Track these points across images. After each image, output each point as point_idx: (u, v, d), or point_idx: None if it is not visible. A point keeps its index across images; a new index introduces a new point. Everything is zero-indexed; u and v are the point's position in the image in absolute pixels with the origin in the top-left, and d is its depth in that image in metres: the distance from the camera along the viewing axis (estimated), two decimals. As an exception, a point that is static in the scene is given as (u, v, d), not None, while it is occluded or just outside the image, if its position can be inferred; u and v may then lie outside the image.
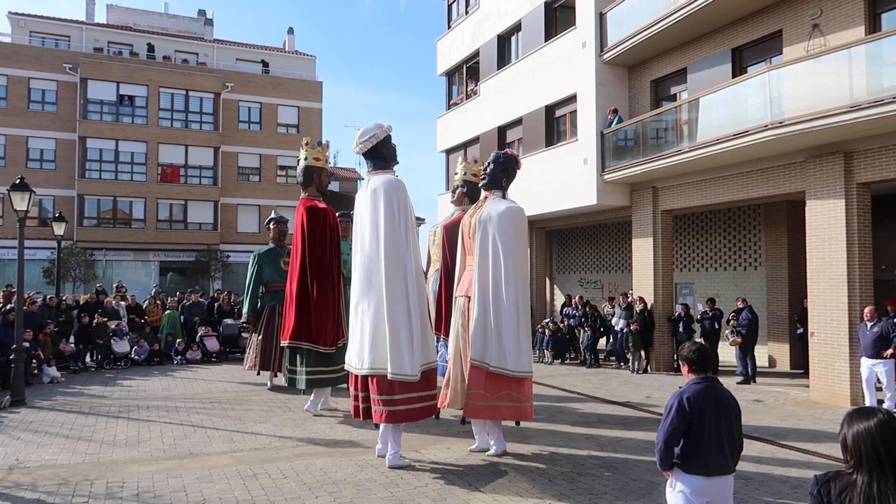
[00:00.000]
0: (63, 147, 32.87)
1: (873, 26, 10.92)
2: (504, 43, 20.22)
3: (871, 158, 10.59)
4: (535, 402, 10.53)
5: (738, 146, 11.69)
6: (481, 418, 7.71)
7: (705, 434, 3.79)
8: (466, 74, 22.64)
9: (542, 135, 17.86)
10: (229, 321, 17.16)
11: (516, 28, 19.38)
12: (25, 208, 11.14)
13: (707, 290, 16.39)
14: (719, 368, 13.68)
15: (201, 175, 35.28)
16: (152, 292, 19.56)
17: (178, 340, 16.29)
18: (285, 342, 9.80)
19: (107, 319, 15.54)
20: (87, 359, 15.31)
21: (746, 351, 13.12)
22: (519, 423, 8.70)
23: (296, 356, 9.68)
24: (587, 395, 11.85)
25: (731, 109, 12.19)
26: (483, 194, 8.33)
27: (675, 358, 13.72)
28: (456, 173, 10.40)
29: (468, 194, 9.92)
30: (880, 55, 9.90)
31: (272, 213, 13.56)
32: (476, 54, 21.56)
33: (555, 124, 17.78)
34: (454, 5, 23.61)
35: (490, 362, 7.47)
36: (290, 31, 42.02)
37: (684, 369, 4.05)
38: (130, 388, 12.49)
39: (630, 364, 14.90)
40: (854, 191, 10.84)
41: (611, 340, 16.20)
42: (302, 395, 11.00)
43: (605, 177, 15.34)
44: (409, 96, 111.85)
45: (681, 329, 14.29)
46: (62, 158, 32.85)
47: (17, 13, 34.66)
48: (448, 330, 8.58)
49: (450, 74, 23.72)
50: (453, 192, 10.32)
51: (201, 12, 41.08)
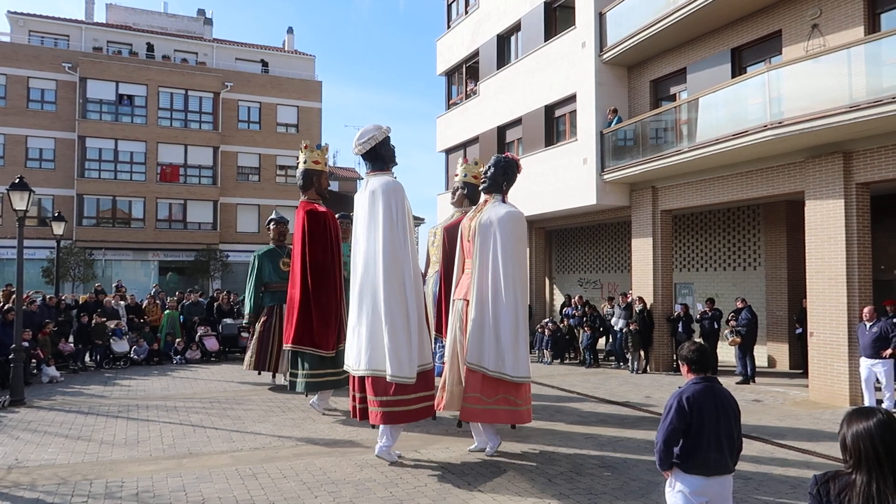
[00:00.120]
0: (62, 146, 32.85)
1: (873, 26, 10.92)
2: (504, 43, 20.22)
3: (870, 158, 10.59)
4: (535, 402, 10.53)
5: (737, 146, 11.70)
6: (478, 421, 7.70)
7: (705, 434, 3.80)
8: (466, 74, 22.64)
9: (542, 135, 17.86)
10: (229, 321, 17.16)
11: (516, 28, 19.38)
12: (24, 208, 11.14)
13: (706, 290, 16.40)
14: (719, 368, 13.67)
15: (201, 175, 35.26)
16: (152, 292, 19.55)
17: (178, 340, 16.28)
18: (288, 346, 9.80)
19: (106, 319, 15.53)
20: (87, 358, 15.30)
21: (746, 351, 13.13)
22: (515, 427, 8.70)
23: (297, 359, 9.68)
24: (586, 394, 11.85)
25: (730, 109, 12.20)
26: (483, 197, 8.32)
27: (675, 358, 13.74)
28: (456, 175, 10.39)
29: (468, 196, 9.91)
30: (880, 55, 9.91)
31: (272, 214, 13.56)
32: (476, 54, 21.56)
33: (554, 124, 17.78)
34: (454, 5, 23.59)
35: (488, 366, 7.46)
36: (290, 30, 42.03)
37: (684, 369, 4.06)
38: (130, 387, 12.49)
39: (629, 364, 14.91)
40: (853, 191, 10.84)
41: (610, 340, 16.20)
42: (305, 396, 10.99)
43: (605, 177, 15.34)
44: (409, 96, 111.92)
45: (680, 329, 14.30)
46: (61, 158, 32.82)
47: (16, 12, 34.61)
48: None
49: (449, 74, 23.71)
50: (453, 193, 10.31)
51: (201, 12, 41.05)
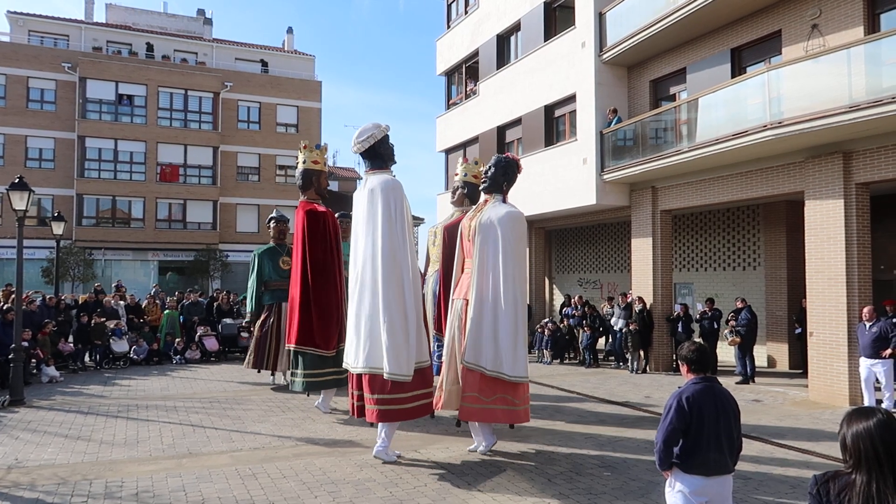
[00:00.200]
0: (62, 146, 32.83)
1: (872, 26, 10.92)
2: (503, 43, 20.21)
3: (870, 158, 10.59)
4: (535, 402, 10.55)
5: (737, 146, 11.70)
6: (476, 421, 7.71)
7: (704, 434, 3.80)
8: (466, 74, 22.63)
9: (542, 135, 17.86)
10: (228, 321, 17.16)
11: (516, 28, 19.37)
12: (24, 208, 11.14)
13: (706, 290, 16.40)
14: (718, 368, 13.68)
15: (200, 174, 35.24)
16: (152, 292, 19.55)
17: (177, 340, 16.28)
18: (290, 346, 9.83)
19: (105, 319, 15.52)
20: (86, 358, 15.30)
21: (745, 351, 13.13)
22: (513, 426, 8.71)
23: (297, 359, 9.70)
24: (586, 394, 11.85)
25: (730, 109, 12.20)
26: (483, 197, 8.32)
27: (674, 358, 13.74)
28: (456, 174, 10.39)
29: (468, 195, 9.91)
30: (879, 55, 9.91)
31: (273, 212, 13.58)
32: (475, 54, 21.56)
33: (554, 124, 17.78)
34: (453, 5, 23.59)
35: (486, 366, 7.47)
36: (290, 30, 42.04)
37: (683, 369, 4.06)
38: (129, 387, 12.48)
39: (629, 364, 14.91)
40: (853, 191, 10.84)
41: (610, 340, 16.21)
42: (307, 395, 11.01)
43: (605, 177, 15.34)
44: (409, 96, 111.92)
45: (680, 329, 14.30)
46: (61, 158, 32.80)
47: (15, 12, 34.58)
48: None
49: (449, 74, 23.71)
50: (453, 192, 10.31)
51: (200, 12, 41.04)
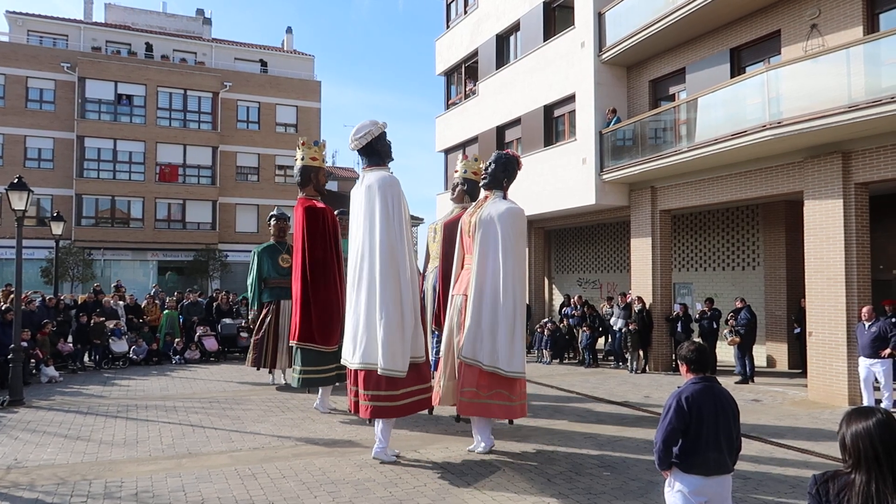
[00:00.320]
0: (61, 146, 32.81)
1: (871, 26, 10.93)
2: (503, 43, 20.21)
3: (869, 158, 10.60)
4: (535, 401, 10.57)
5: (736, 146, 11.70)
6: (472, 415, 7.76)
7: (704, 434, 3.80)
8: (465, 74, 22.63)
9: (541, 134, 17.86)
10: (228, 321, 17.15)
11: (515, 28, 19.37)
12: (23, 208, 11.12)
13: (705, 289, 16.41)
14: (718, 368, 13.70)
15: (199, 174, 35.23)
16: (152, 292, 19.53)
17: (177, 340, 16.27)
18: (292, 343, 9.98)
19: (105, 319, 15.50)
20: (86, 358, 15.28)
21: (745, 351, 13.14)
22: (512, 422, 8.72)
23: (297, 356, 9.80)
24: (586, 394, 11.85)
25: (729, 109, 12.20)
26: (483, 193, 8.34)
27: (674, 358, 13.74)
28: (456, 171, 10.40)
29: (468, 192, 9.92)
30: (878, 55, 9.92)
31: (274, 210, 13.62)
32: (475, 54, 21.55)
33: (553, 124, 17.78)
34: (453, 5, 23.58)
35: (483, 361, 7.51)
36: (289, 30, 42.03)
37: (683, 369, 4.06)
38: (129, 387, 12.48)
39: (628, 364, 14.92)
40: (852, 191, 10.85)
41: (609, 340, 16.21)
42: (307, 393, 11.04)
43: (604, 177, 15.35)
44: (408, 96, 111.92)
45: (679, 329, 14.30)
46: (60, 158, 32.79)
47: (14, 12, 34.57)
48: None
49: (448, 74, 23.71)
50: (453, 189, 10.31)
51: (200, 11, 41.02)
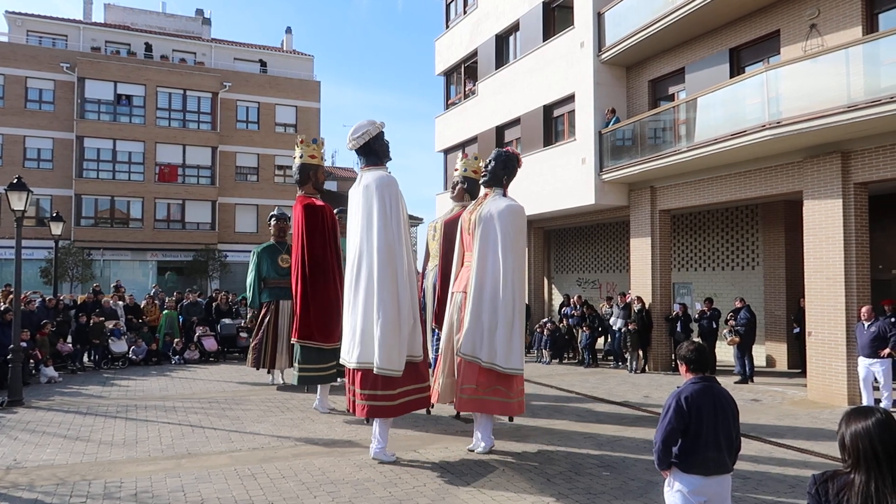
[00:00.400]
0: (60, 146, 32.80)
1: (871, 26, 10.93)
2: (502, 43, 20.21)
3: (868, 158, 10.60)
4: (534, 401, 10.58)
5: (735, 146, 11.70)
6: (469, 411, 7.82)
7: (703, 433, 3.80)
8: (465, 74, 22.63)
9: (541, 134, 17.86)
10: (227, 321, 17.14)
11: (514, 28, 19.37)
12: (23, 208, 11.11)
13: (705, 289, 16.41)
14: (717, 368, 13.70)
15: (199, 175, 35.24)
16: (151, 292, 19.52)
17: (176, 340, 16.26)
18: (294, 340, 10.06)
19: (104, 319, 15.49)
20: (85, 359, 15.27)
21: (744, 350, 13.14)
22: (512, 419, 8.74)
23: (297, 353, 9.89)
24: (585, 394, 11.85)
25: (728, 109, 12.20)
26: (483, 191, 8.35)
27: (673, 357, 13.74)
28: (456, 169, 10.42)
29: (468, 190, 9.95)
30: (878, 55, 9.92)
31: (275, 210, 13.63)
32: (474, 54, 21.55)
33: (553, 124, 17.78)
34: (452, 5, 23.58)
35: (482, 357, 7.55)
36: (288, 30, 42.04)
37: (682, 369, 4.06)
38: (128, 388, 12.47)
39: (628, 364, 14.92)
40: (851, 191, 10.85)
41: (609, 340, 16.21)
42: (307, 393, 11.04)
43: (603, 176, 15.35)
44: (407, 96, 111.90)
45: (678, 329, 14.30)
46: (59, 158, 32.78)
47: (14, 12, 34.56)
48: None
49: (448, 74, 23.70)
50: (453, 187, 10.34)
51: (199, 12, 41.01)
